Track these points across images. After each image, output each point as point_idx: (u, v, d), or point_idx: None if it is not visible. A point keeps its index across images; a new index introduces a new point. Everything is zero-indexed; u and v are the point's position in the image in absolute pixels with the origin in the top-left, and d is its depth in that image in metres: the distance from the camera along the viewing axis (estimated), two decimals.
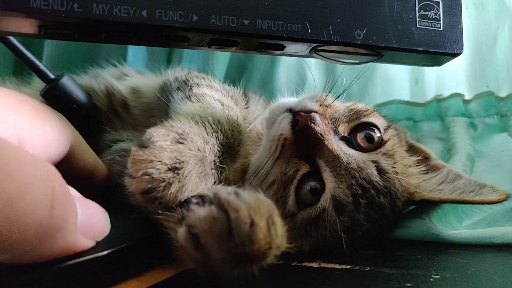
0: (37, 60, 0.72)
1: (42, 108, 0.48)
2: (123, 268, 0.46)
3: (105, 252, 0.42)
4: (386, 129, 0.67)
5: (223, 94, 0.71)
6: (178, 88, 0.71)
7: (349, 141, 0.64)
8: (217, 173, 0.53)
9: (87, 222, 0.40)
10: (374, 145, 0.64)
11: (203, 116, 0.55)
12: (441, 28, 0.53)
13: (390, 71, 1.22)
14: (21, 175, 0.32)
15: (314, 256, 0.57)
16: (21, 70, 0.97)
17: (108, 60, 0.95)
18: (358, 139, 0.64)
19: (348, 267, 0.53)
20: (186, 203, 0.47)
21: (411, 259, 0.58)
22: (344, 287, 0.37)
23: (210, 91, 0.69)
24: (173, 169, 0.47)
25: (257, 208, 0.40)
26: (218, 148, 0.54)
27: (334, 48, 0.51)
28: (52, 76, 0.73)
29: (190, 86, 0.70)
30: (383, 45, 0.51)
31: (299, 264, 0.54)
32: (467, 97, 1.12)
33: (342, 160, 0.60)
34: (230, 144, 0.56)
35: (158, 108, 0.77)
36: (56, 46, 1.21)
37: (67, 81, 0.74)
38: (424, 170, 0.70)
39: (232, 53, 1.22)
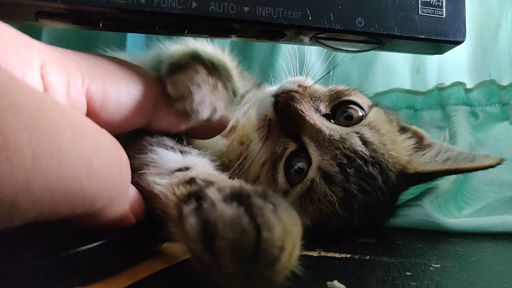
0: None
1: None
2: (119, 259, 0.46)
3: (97, 243, 0.42)
4: (370, 107, 0.69)
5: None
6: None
7: (331, 117, 0.66)
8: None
9: (133, 197, 0.44)
10: (356, 120, 0.66)
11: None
12: (444, 16, 0.53)
13: (391, 60, 1.21)
14: (95, 137, 0.35)
15: (314, 245, 0.57)
16: None
17: (105, 48, 0.94)
18: (340, 116, 0.66)
19: (348, 256, 0.53)
20: (191, 182, 0.44)
21: (411, 248, 0.59)
22: (344, 276, 0.37)
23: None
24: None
25: (290, 230, 0.35)
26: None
27: (334, 35, 0.50)
28: None
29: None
30: (385, 32, 0.50)
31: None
32: (468, 85, 1.11)
33: (324, 133, 0.62)
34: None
35: None
36: (54, 34, 1.20)
37: None
38: (417, 147, 0.72)
39: (232, 41, 1.22)
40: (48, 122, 0.30)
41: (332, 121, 0.66)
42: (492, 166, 0.67)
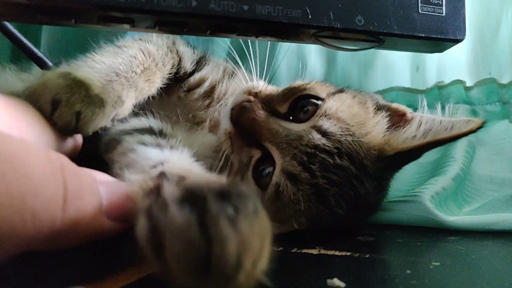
0: (34, 47, 0.71)
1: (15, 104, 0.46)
2: (119, 258, 0.46)
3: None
4: (331, 95, 0.67)
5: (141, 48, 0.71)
6: None
7: (289, 117, 0.66)
8: None
9: (112, 203, 0.38)
10: (312, 112, 0.65)
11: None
12: (444, 14, 0.52)
13: (390, 58, 1.21)
14: (31, 171, 0.31)
15: (313, 243, 0.57)
16: (18, 57, 0.96)
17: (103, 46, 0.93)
18: (297, 113, 0.66)
19: (348, 254, 0.53)
20: (160, 176, 0.40)
21: (411, 246, 0.59)
22: (343, 274, 0.37)
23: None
24: None
25: (249, 242, 0.30)
26: None
27: (334, 34, 0.50)
28: (50, 63, 0.72)
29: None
30: (384, 31, 0.50)
31: (298, 251, 0.54)
32: (468, 84, 1.11)
33: (281, 134, 0.63)
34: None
35: None
36: (53, 33, 1.20)
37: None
38: (397, 126, 0.69)
39: (231, 39, 1.21)
40: None
41: (289, 120, 0.65)
42: (473, 131, 0.64)
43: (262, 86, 0.70)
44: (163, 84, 0.70)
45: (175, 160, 0.50)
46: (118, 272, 0.45)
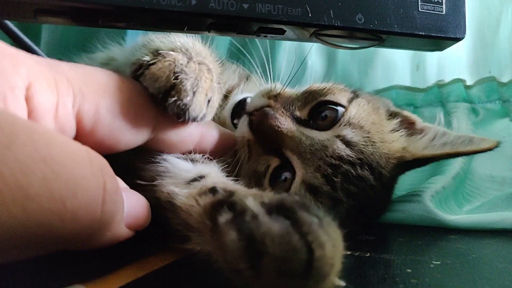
0: (34, 45, 0.71)
1: None
2: (119, 256, 0.46)
3: None
4: (350, 101, 0.66)
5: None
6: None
7: (310, 123, 0.63)
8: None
9: (131, 213, 0.40)
10: (335, 120, 0.63)
11: None
12: (444, 12, 0.52)
13: (390, 56, 1.21)
14: (72, 173, 0.30)
15: None
16: None
17: (101, 44, 0.93)
18: (318, 119, 0.63)
19: (348, 253, 0.53)
20: (213, 191, 0.42)
21: (411, 245, 0.59)
22: (344, 273, 0.37)
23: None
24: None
25: (338, 244, 0.34)
26: None
27: (335, 32, 0.50)
28: None
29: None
30: (384, 29, 0.50)
31: None
32: (468, 82, 1.11)
33: (304, 144, 0.60)
34: None
35: None
36: (54, 31, 1.20)
37: None
38: (411, 132, 0.69)
39: (231, 38, 1.21)
40: (16, 162, 0.27)
41: (311, 126, 0.63)
42: (490, 149, 0.65)
43: (280, 88, 0.66)
44: None
45: (214, 174, 0.50)
46: (118, 271, 0.45)
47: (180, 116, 0.44)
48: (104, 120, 0.41)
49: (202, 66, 0.46)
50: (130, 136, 0.44)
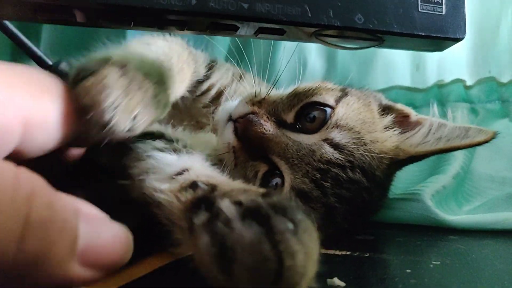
0: (34, 45, 0.71)
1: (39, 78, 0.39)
2: None
3: None
4: (338, 100, 0.64)
5: (171, 47, 0.68)
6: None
7: (297, 126, 0.62)
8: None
9: (92, 247, 0.31)
10: (322, 122, 0.62)
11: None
12: (444, 13, 0.52)
13: (390, 56, 1.21)
14: None
15: None
16: (18, 55, 0.96)
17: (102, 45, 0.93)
18: (305, 122, 0.62)
19: (348, 253, 0.53)
20: (194, 186, 0.42)
21: (410, 245, 0.59)
22: (343, 273, 0.37)
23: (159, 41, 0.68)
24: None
25: (311, 252, 0.33)
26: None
27: (334, 32, 0.50)
28: (50, 62, 0.72)
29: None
30: (384, 29, 0.50)
31: None
32: (468, 82, 1.11)
33: (291, 149, 0.59)
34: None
35: None
36: (54, 31, 1.20)
37: (65, 67, 0.73)
38: (404, 129, 0.68)
39: (231, 38, 1.21)
40: None
41: (298, 130, 0.61)
42: (486, 141, 0.64)
43: (264, 92, 0.66)
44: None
45: (198, 166, 0.49)
46: (118, 272, 0.45)
47: (98, 131, 0.41)
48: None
49: (134, 81, 0.43)
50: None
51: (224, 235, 0.32)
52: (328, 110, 0.62)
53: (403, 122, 0.69)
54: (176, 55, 0.65)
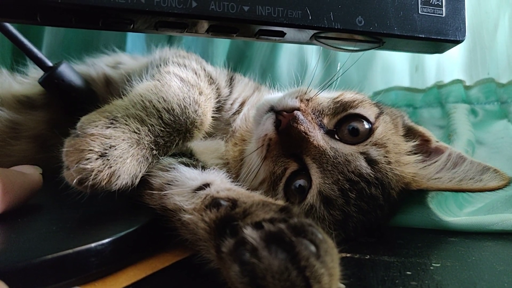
0: (35, 47, 0.71)
1: None
2: (124, 255, 0.46)
3: (105, 240, 0.43)
4: (377, 117, 0.65)
5: (195, 72, 0.69)
6: (157, 66, 0.70)
7: (336, 134, 0.62)
8: (163, 152, 0.56)
9: None
10: (362, 136, 0.62)
11: (145, 95, 0.56)
12: (444, 15, 0.52)
13: (390, 58, 1.21)
14: None
15: None
16: (19, 57, 0.97)
17: (103, 48, 0.93)
18: (345, 132, 0.62)
19: (348, 255, 0.53)
20: (216, 204, 0.44)
21: (411, 247, 0.58)
22: (344, 275, 0.37)
23: (178, 69, 0.68)
24: (103, 155, 0.48)
25: (334, 272, 0.36)
26: (161, 128, 0.55)
27: (335, 35, 0.50)
28: (50, 64, 0.72)
29: (161, 65, 0.70)
30: (384, 32, 0.50)
31: None
32: (467, 83, 1.11)
33: (328, 155, 0.59)
34: (180, 122, 0.57)
35: None
36: (56, 34, 1.20)
37: (65, 69, 0.73)
38: (424, 157, 0.68)
39: (231, 40, 1.21)
40: None
41: (336, 137, 0.62)
42: (499, 188, 0.62)
43: (313, 93, 0.65)
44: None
45: (218, 181, 0.51)
46: (117, 274, 0.45)
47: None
48: None
49: (123, 129, 0.51)
50: None
51: (253, 266, 0.34)
52: (368, 125, 0.63)
53: (423, 147, 0.70)
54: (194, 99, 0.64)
